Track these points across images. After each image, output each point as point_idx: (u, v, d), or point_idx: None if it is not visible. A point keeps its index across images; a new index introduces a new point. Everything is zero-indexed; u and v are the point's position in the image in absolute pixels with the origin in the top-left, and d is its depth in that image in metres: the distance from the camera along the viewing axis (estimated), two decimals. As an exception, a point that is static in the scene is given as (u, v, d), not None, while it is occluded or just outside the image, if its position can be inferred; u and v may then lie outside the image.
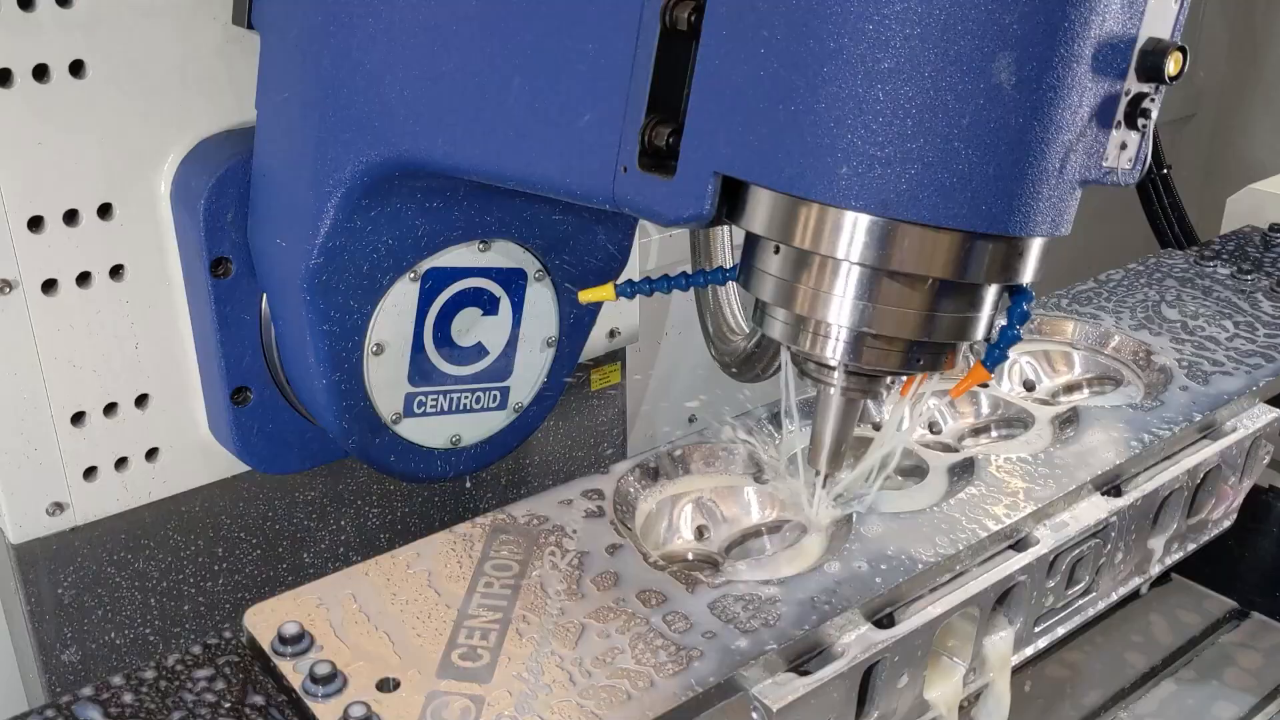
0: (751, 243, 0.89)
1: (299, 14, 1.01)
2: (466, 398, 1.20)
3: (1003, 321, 0.92)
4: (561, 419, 1.49)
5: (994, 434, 1.31)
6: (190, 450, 1.20)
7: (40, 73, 1.01)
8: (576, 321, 1.24)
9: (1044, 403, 1.34)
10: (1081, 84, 0.77)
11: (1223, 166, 2.93)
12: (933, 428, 1.31)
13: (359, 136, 0.99)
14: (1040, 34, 0.73)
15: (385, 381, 1.13)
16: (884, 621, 1.00)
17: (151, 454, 1.18)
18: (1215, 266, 1.63)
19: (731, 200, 0.83)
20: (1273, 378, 1.34)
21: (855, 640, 0.97)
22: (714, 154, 0.82)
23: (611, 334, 1.48)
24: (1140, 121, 0.83)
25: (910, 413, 1.17)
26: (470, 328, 1.17)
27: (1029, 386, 1.41)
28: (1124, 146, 0.84)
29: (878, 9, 0.72)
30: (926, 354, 0.88)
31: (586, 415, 1.52)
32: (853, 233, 0.80)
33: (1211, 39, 2.89)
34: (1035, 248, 0.86)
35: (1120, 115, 0.81)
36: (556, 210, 1.14)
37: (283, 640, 0.90)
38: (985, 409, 1.33)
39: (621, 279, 1.03)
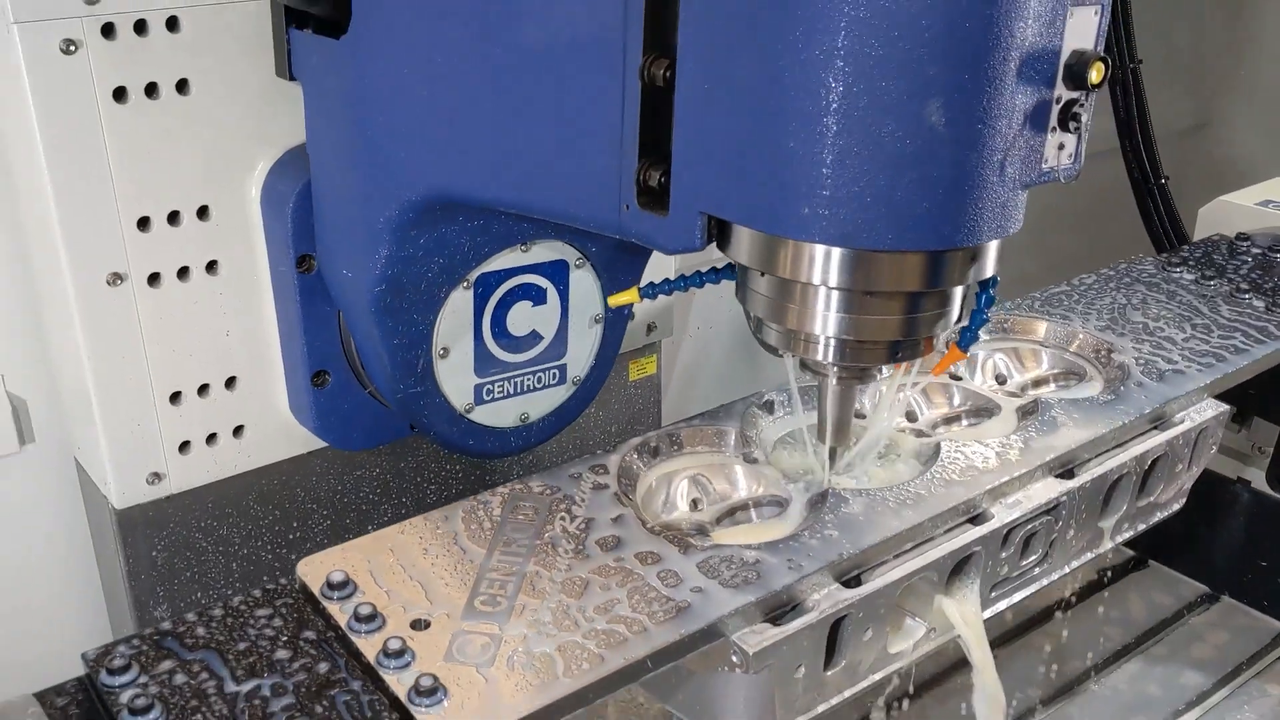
0: (742, 266, 1.02)
1: (331, 70, 1.14)
2: (529, 379, 1.32)
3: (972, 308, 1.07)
4: (602, 407, 1.63)
5: (964, 423, 1.45)
6: (272, 428, 1.33)
7: (151, 90, 1.14)
8: (619, 297, 1.36)
9: (1011, 395, 1.48)
10: (1011, 107, 0.87)
11: (1234, 175, 3.01)
12: (910, 416, 1.45)
13: (399, 179, 1.12)
14: (964, 78, 0.84)
15: (454, 378, 1.26)
16: (851, 582, 1.14)
17: (238, 430, 1.32)
18: (1181, 272, 1.76)
19: (721, 233, 0.96)
20: (1221, 375, 1.48)
21: (824, 597, 1.11)
22: (699, 195, 0.94)
23: (649, 328, 1.62)
24: (1073, 125, 0.93)
25: (893, 400, 1.32)
26: (524, 319, 1.28)
27: (1000, 380, 1.55)
28: (1062, 147, 0.95)
29: (820, 76, 0.83)
30: (907, 347, 1.02)
31: (625, 404, 1.66)
32: (824, 262, 0.93)
33: (1220, 49, 2.98)
34: (991, 247, 0.99)
35: (1054, 122, 0.92)
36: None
37: (330, 586, 1.05)
38: (957, 400, 1.47)
39: (644, 281, 1.16)
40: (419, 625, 1.02)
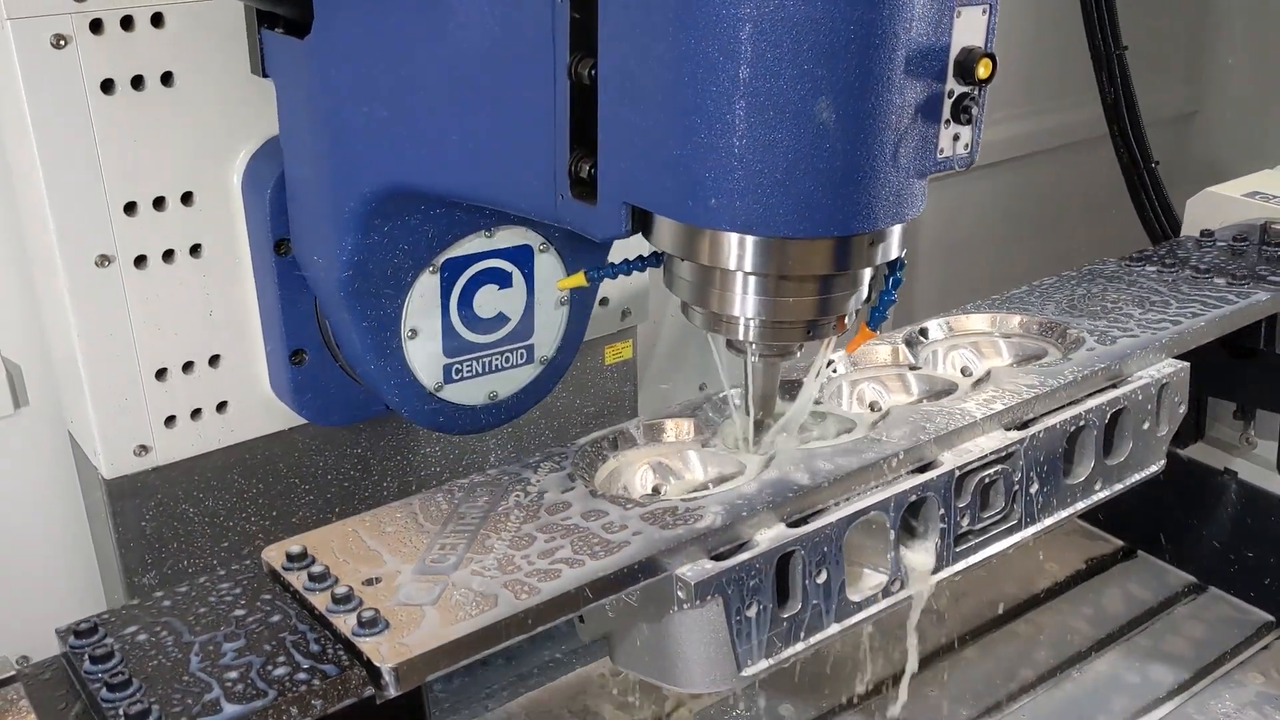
0: (667, 253, 1.09)
1: (298, 67, 1.23)
2: (497, 359, 1.38)
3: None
4: (578, 392, 1.67)
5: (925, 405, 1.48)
6: (254, 404, 1.40)
7: (137, 82, 1.23)
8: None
9: (966, 374, 1.51)
10: (901, 102, 0.94)
11: (1227, 163, 2.87)
12: (873, 406, 1.49)
13: (361, 171, 1.20)
14: (854, 77, 0.92)
15: (424, 359, 1.33)
16: (797, 523, 1.17)
17: (221, 406, 1.38)
18: (1143, 266, 1.79)
19: (645, 223, 1.05)
20: (1177, 335, 1.50)
21: (769, 535, 1.14)
22: (622, 187, 1.02)
23: (624, 314, 1.68)
24: (964, 117, 1.00)
25: (815, 376, 1.36)
26: (490, 301, 1.35)
27: (965, 373, 1.58)
28: (957, 138, 1.02)
29: (721, 78, 0.92)
30: (821, 326, 1.10)
31: (600, 388, 1.70)
32: (738, 248, 1.01)
33: (1222, 36, 3.00)
34: (893, 231, 1.05)
35: (947, 114, 0.99)
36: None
37: (290, 558, 1.11)
38: (915, 388, 1.50)
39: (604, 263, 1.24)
40: (371, 582, 1.07)
